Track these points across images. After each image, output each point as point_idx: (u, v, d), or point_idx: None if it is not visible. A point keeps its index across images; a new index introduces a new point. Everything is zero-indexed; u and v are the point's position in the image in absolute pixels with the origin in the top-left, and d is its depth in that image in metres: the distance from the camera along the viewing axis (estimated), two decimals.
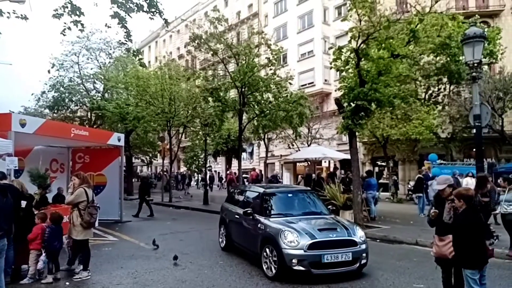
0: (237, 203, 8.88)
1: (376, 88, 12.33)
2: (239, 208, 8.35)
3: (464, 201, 4.39)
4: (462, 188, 4.56)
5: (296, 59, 36.31)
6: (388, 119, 21.22)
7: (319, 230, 6.67)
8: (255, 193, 8.34)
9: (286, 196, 8.26)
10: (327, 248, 6.27)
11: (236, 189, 10.36)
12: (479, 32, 10.07)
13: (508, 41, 26.21)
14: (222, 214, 9.54)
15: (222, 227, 9.20)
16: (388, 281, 6.46)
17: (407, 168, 27.91)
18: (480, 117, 9.90)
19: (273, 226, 6.83)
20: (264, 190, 8.07)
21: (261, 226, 7.10)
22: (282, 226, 6.68)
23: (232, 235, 8.61)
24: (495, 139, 24.85)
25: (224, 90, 19.37)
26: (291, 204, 7.94)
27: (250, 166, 39.59)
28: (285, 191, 8.60)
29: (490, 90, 20.37)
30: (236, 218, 8.34)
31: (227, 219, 8.98)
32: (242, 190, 9.37)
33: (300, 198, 8.24)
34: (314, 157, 18.52)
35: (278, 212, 7.47)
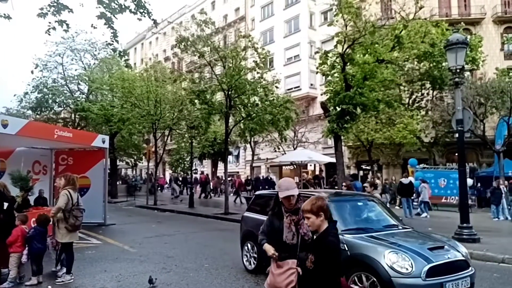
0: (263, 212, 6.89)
1: (361, 93, 12.53)
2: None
3: (325, 214, 3.07)
4: (315, 197, 3.16)
5: (283, 63, 36.52)
6: (373, 123, 21.50)
7: (429, 249, 5.05)
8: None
9: (356, 205, 6.59)
10: (446, 274, 4.79)
11: (268, 195, 8.33)
12: (462, 39, 10.32)
13: (489, 48, 26.97)
14: (246, 227, 7.56)
15: (249, 244, 7.24)
16: None
17: (391, 172, 28.27)
18: (462, 122, 10.13)
19: (365, 246, 5.06)
20: (330, 198, 6.11)
21: (341, 246, 5.34)
22: (380, 246, 5.01)
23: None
24: (477, 144, 25.40)
25: (211, 92, 19.32)
26: (365, 215, 6.37)
27: (236, 169, 39.61)
28: (353, 199, 6.92)
29: (472, 96, 20.83)
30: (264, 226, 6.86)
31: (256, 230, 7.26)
32: (267, 196, 7.55)
33: (370, 206, 6.63)
34: (300, 160, 18.62)
35: (357, 227, 5.74)
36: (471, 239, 9.54)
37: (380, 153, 27.02)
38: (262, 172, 37.14)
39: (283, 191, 3.55)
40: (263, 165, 36.01)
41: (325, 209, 3.08)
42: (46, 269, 6.76)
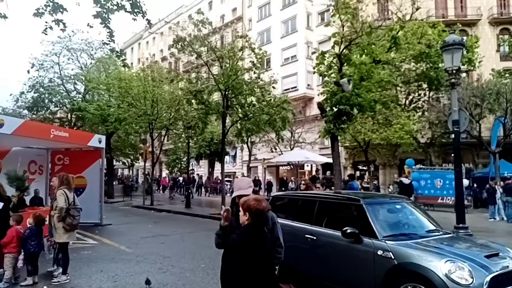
0: (302, 218, 6.20)
1: (358, 93, 12.53)
2: (313, 226, 5.87)
3: (250, 215, 3.04)
4: (252, 197, 3.12)
5: (280, 63, 36.54)
6: (369, 124, 21.52)
7: (486, 257, 4.56)
8: (345, 203, 5.98)
9: (394, 208, 5.93)
10: (507, 285, 4.31)
11: (290, 197, 7.57)
12: (458, 40, 10.32)
13: (485, 49, 27.06)
14: None
15: None
16: None
17: (388, 172, 28.35)
18: (458, 123, 10.12)
19: (416, 255, 4.52)
20: (366, 201, 5.55)
21: (384, 254, 4.72)
22: (433, 254, 4.49)
23: (297, 264, 5.96)
24: (473, 145, 25.52)
25: (208, 93, 19.32)
26: (404, 219, 5.77)
27: (233, 169, 39.61)
28: (389, 201, 6.27)
29: (468, 97, 20.93)
30: (309, 240, 5.78)
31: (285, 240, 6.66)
32: (307, 199, 6.60)
33: (407, 210, 5.98)
34: (296, 160, 18.63)
35: (399, 233, 5.24)
36: None
37: (377, 153, 27.09)
38: (259, 172, 37.15)
39: (236, 190, 3.42)
40: (260, 165, 36.00)
41: (252, 211, 3.01)
42: (41, 269, 6.74)
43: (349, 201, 5.86)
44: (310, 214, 6.03)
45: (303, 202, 6.57)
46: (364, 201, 5.49)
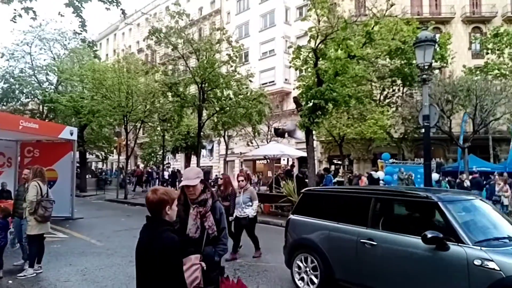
0: (351, 220, 5.18)
1: (333, 88, 12.64)
2: (370, 229, 4.85)
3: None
4: (162, 189, 2.82)
5: (258, 57, 36.49)
6: (344, 119, 21.82)
7: None
8: (414, 201, 4.91)
9: (472, 205, 4.89)
10: None
11: (329, 193, 6.40)
12: (430, 36, 10.55)
13: (457, 46, 27.78)
14: (298, 235, 5.84)
15: (311, 258, 5.49)
16: None
17: (362, 166, 28.82)
18: (429, 118, 10.38)
19: None
20: (439, 196, 4.58)
21: (483, 264, 3.74)
22: None
23: (347, 276, 5.09)
24: (444, 140, 26.24)
25: (184, 85, 19.16)
26: (486, 219, 4.76)
27: (210, 163, 39.46)
28: (465, 198, 5.07)
29: (440, 93, 21.41)
30: (367, 246, 4.75)
31: (327, 245, 5.29)
32: (357, 196, 5.57)
33: (485, 208, 4.96)
34: (272, 154, 18.69)
35: (491, 236, 4.29)
36: None
37: (352, 148, 27.51)
38: (236, 166, 37.13)
39: (183, 180, 3.33)
40: (237, 159, 36.00)
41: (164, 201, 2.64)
42: (7, 263, 6.57)
43: (419, 198, 4.77)
44: (363, 214, 4.98)
45: (351, 200, 5.53)
46: (439, 198, 4.49)
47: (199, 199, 3.27)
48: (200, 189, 3.29)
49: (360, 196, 5.43)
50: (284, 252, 6.15)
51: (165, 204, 2.61)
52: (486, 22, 31.96)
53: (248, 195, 7.87)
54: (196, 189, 3.26)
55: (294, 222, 6.05)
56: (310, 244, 5.51)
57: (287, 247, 6.06)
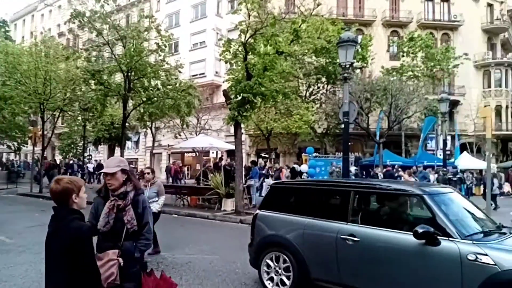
0: (328, 215, 4.84)
1: (261, 83, 12.87)
2: (351, 225, 4.54)
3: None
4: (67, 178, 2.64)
5: (188, 48, 35.90)
6: (272, 113, 22.38)
7: None
8: (396, 194, 4.72)
9: (453, 199, 4.67)
10: None
11: (302, 186, 6.02)
12: (352, 37, 11.21)
13: (377, 48, 29.71)
14: (268, 231, 5.32)
15: (282, 256, 5.03)
16: None
17: (288, 160, 29.80)
18: (348, 114, 11.06)
19: None
20: (429, 191, 4.40)
21: (478, 259, 3.61)
22: None
23: (326, 275, 4.71)
24: (362, 136, 28.05)
25: (108, 73, 18.22)
26: (468, 212, 4.60)
27: (136, 156, 38.16)
28: (446, 192, 4.80)
29: (360, 91, 22.78)
30: (348, 243, 4.43)
31: (302, 242, 4.86)
32: (334, 189, 5.27)
33: (463, 201, 4.85)
34: (201, 146, 18.61)
35: (478, 230, 4.23)
36: None
37: (278, 141, 28.30)
38: (163, 159, 36.33)
39: (104, 168, 3.17)
40: (164, 151, 35.24)
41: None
42: None
43: (403, 191, 4.62)
44: (342, 209, 4.69)
45: (327, 194, 5.26)
46: (424, 191, 4.33)
47: (119, 191, 3.10)
48: (122, 180, 3.12)
49: (338, 190, 5.10)
50: (249, 251, 5.61)
51: (71, 192, 2.52)
52: (403, 27, 34.60)
53: (155, 190, 7.25)
54: (116, 178, 3.09)
55: (262, 218, 5.46)
56: (282, 241, 5.03)
57: (253, 245, 5.48)
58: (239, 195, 12.72)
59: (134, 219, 3.08)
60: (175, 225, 10.77)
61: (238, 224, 11.44)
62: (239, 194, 12.72)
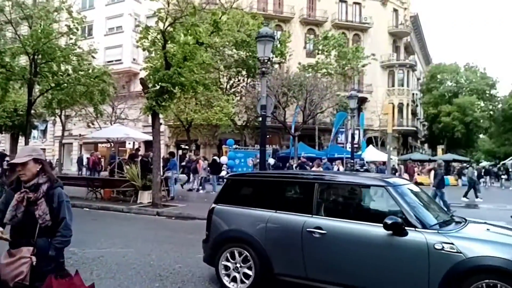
0: (292, 208, 4.76)
1: (180, 72, 12.72)
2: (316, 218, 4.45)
3: None
4: None
5: (103, 32, 34.04)
6: (192, 104, 22.23)
7: None
8: (358, 185, 4.77)
9: (412, 190, 4.71)
10: None
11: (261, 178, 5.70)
12: (270, 33, 11.58)
13: (295, 45, 30.87)
14: (226, 226, 5.07)
15: (243, 252, 4.80)
16: (176, 252, 6.90)
17: (208, 151, 29.87)
18: (265, 107, 11.46)
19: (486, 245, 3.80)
20: (393, 184, 4.49)
21: (445, 248, 3.74)
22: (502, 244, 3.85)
23: (291, 269, 4.59)
24: (279, 128, 29.10)
25: (11, 55, 16.58)
26: (425, 203, 4.69)
27: (43, 145, 35.36)
28: (405, 183, 4.97)
29: (278, 86, 23.55)
30: (315, 235, 4.34)
31: (264, 236, 4.69)
32: (296, 182, 5.25)
33: (419, 192, 4.92)
34: (115, 137, 17.84)
35: (440, 220, 4.34)
36: None
37: (199, 133, 28.22)
38: (74, 149, 34.15)
39: (15, 158, 3.00)
40: (75, 141, 33.14)
41: None
42: None
43: (366, 182, 4.75)
44: (307, 202, 4.61)
45: (291, 186, 5.21)
46: (387, 182, 4.43)
47: (30, 183, 2.89)
48: (35, 170, 2.91)
49: (302, 182, 5.04)
50: (204, 247, 5.30)
51: None
52: (319, 26, 36.38)
53: None
54: (27, 169, 2.88)
55: (220, 212, 5.18)
56: (243, 236, 4.83)
57: (209, 241, 5.17)
58: (157, 187, 12.51)
59: (47, 214, 2.86)
60: (86, 219, 10.27)
61: (155, 216, 11.29)
62: (157, 186, 12.51)
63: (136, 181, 13.04)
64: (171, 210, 11.71)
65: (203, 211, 11.14)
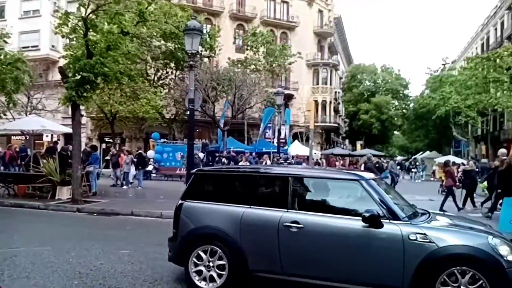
0: (266, 203, 4.70)
1: (103, 62, 12.20)
2: (293, 212, 4.46)
3: None
4: None
5: (18, 15, 31.28)
6: (117, 96, 21.38)
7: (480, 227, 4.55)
8: (334, 179, 4.88)
9: (379, 183, 4.87)
10: None
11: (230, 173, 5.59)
12: (198, 26, 11.54)
13: (225, 39, 30.94)
14: (197, 224, 4.85)
15: (216, 249, 4.65)
16: (97, 249, 6.68)
17: (134, 145, 28.94)
18: (193, 101, 11.44)
19: (455, 235, 4.08)
20: (359, 175, 4.79)
21: (419, 238, 3.94)
22: (468, 233, 4.19)
23: (268, 266, 4.52)
24: (209, 123, 29.07)
25: None
26: (395, 197, 4.87)
27: None
28: (374, 177, 5.00)
29: (207, 80, 23.45)
30: (292, 230, 4.35)
31: (239, 233, 4.58)
32: (269, 177, 5.12)
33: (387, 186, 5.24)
34: (31, 129, 16.57)
35: (408, 213, 4.48)
36: None
37: (124, 126, 27.22)
38: None
39: None
40: None
41: None
42: None
43: (340, 176, 4.91)
44: (282, 196, 4.59)
45: (264, 181, 5.06)
46: (360, 176, 4.60)
47: None
48: None
49: (277, 177, 4.97)
50: (171, 246, 5.03)
51: None
52: (248, 22, 36.76)
53: None
54: None
55: (189, 209, 4.95)
56: (216, 233, 4.68)
57: (178, 240, 4.91)
58: (77, 182, 11.90)
59: None
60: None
61: (75, 213, 10.76)
62: (77, 181, 11.90)
63: (54, 176, 12.31)
64: (92, 206, 11.24)
65: (127, 206, 10.97)
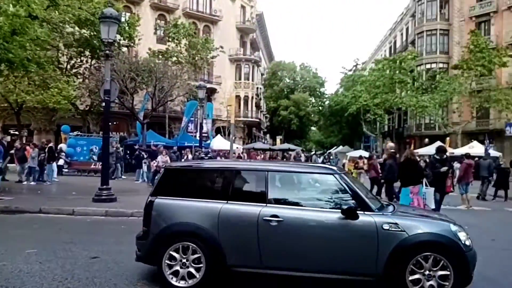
0: (242, 197, 4.69)
1: (8, 48, 11.28)
2: (271, 206, 4.51)
3: None
4: None
5: None
6: (24, 84, 19.74)
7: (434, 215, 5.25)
8: (309, 173, 5.11)
9: (350, 177, 5.28)
10: None
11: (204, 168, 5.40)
12: (115, 14, 11.12)
13: (145, 29, 29.98)
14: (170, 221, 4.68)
15: (192, 246, 4.57)
16: (0, 249, 6.22)
17: (44, 138, 26.88)
18: (110, 92, 11.03)
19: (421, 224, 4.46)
20: (333, 169, 4.95)
21: (391, 228, 4.26)
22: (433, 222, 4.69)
23: (248, 261, 4.52)
24: (128, 115, 28.02)
25: None
26: (364, 190, 5.20)
27: None
28: (343, 171, 5.28)
29: (126, 70, 22.50)
30: (272, 224, 4.40)
31: (216, 228, 4.52)
32: (249, 170, 5.04)
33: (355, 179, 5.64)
34: None
35: (379, 205, 4.81)
36: (109, 199, 10.73)
37: (32, 117, 25.20)
38: None
39: None
40: None
41: None
42: None
43: (315, 170, 5.17)
44: (260, 191, 4.65)
45: (241, 176, 4.94)
46: (334, 170, 4.80)
47: None
48: None
49: (253, 172, 4.94)
50: (141, 245, 4.81)
51: None
52: (170, 12, 36.01)
53: None
54: None
55: (161, 206, 4.78)
56: (193, 230, 4.57)
57: (149, 238, 4.71)
58: None
59: None
60: None
61: None
62: None
63: None
64: None
65: (34, 203, 10.24)
